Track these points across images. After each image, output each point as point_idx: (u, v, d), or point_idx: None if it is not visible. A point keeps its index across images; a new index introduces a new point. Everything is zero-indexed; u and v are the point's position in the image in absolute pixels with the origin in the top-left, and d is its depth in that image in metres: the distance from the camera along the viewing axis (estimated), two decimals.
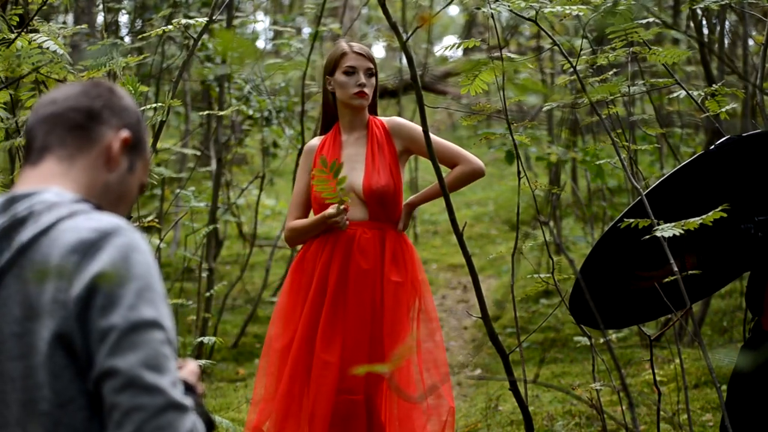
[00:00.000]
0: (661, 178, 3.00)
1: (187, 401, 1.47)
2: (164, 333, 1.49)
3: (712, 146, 2.98)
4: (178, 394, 1.46)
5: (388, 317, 3.62)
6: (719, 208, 2.59)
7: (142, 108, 3.66)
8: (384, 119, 3.80)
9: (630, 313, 3.34)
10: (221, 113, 4.12)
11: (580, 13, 3.11)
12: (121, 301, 1.46)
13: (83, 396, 1.48)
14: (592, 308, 2.26)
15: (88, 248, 1.49)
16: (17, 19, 3.56)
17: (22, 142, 3.39)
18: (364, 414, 3.59)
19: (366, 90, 3.68)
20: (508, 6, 3.13)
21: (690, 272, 2.91)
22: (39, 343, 1.47)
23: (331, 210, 3.58)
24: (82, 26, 4.57)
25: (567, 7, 3.14)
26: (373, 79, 3.73)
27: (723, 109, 3.29)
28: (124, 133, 1.67)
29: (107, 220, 1.53)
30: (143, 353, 1.45)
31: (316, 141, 3.80)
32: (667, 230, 2.59)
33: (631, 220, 2.74)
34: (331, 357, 3.57)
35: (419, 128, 3.60)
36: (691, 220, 2.60)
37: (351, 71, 3.67)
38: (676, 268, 2.68)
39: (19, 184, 1.62)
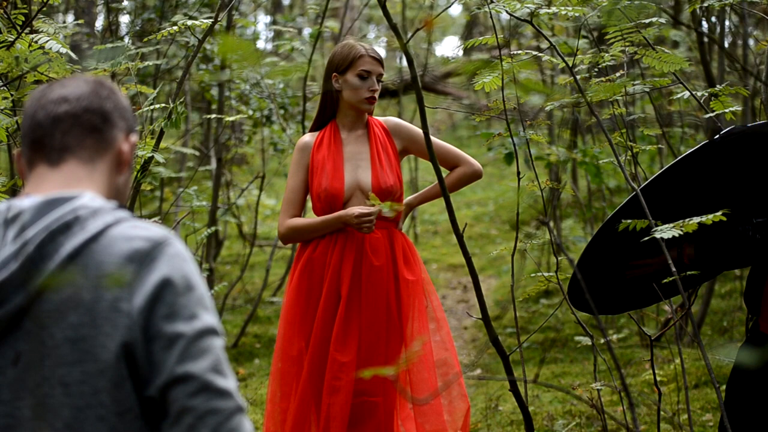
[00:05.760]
0: (663, 168, 3.00)
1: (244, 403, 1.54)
2: (221, 339, 1.55)
3: (717, 135, 2.98)
4: (240, 396, 1.52)
5: (409, 316, 3.59)
6: (719, 213, 2.59)
7: (145, 108, 3.66)
8: (381, 119, 3.79)
9: (627, 299, 3.36)
10: (227, 118, 4.14)
11: (577, 14, 3.10)
12: (185, 310, 1.51)
13: (139, 406, 1.52)
14: (587, 297, 2.28)
15: (144, 258, 1.52)
16: (23, 19, 3.55)
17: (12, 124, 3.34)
18: (382, 415, 3.54)
19: (376, 96, 3.68)
20: (504, 7, 3.13)
21: (688, 273, 2.92)
22: (98, 350, 1.49)
23: (363, 209, 3.52)
24: (81, 22, 4.56)
25: (563, 8, 3.13)
26: (380, 84, 3.72)
27: (729, 110, 3.26)
28: (135, 138, 1.70)
29: (155, 229, 1.56)
30: (211, 359, 1.50)
31: (310, 137, 3.71)
32: (666, 231, 2.59)
33: (629, 221, 2.75)
34: (346, 357, 3.50)
35: (418, 129, 3.60)
36: (690, 221, 2.61)
37: (365, 75, 3.64)
38: (673, 268, 2.69)
39: (41, 183, 1.61)
